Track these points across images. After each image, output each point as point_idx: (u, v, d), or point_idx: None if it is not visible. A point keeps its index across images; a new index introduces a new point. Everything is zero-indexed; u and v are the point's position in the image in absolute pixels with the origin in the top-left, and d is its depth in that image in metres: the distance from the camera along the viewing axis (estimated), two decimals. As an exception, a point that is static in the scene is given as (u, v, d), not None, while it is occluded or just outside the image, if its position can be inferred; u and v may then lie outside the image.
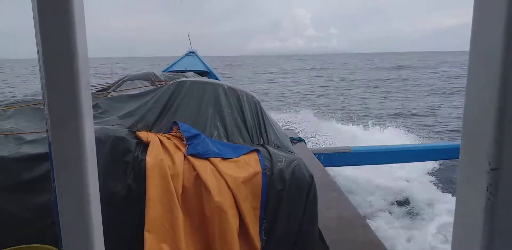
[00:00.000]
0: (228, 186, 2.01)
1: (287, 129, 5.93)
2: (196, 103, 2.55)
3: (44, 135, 2.17)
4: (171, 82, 2.78)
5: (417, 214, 5.01)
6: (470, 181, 0.51)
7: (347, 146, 5.03)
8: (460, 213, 0.54)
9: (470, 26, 0.52)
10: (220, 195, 1.97)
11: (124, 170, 2.06)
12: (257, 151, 2.25)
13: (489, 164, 0.47)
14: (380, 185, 5.63)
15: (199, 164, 2.08)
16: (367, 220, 4.28)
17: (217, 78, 9.00)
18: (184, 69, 8.39)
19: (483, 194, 0.48)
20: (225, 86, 2.72)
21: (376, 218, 4.95)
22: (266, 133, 2.59)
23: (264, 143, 2.50)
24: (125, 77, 4.27)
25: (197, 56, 10.76)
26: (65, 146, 0.66)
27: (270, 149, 2.33)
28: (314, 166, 3.67)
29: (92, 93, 3.06)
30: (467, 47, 0.55)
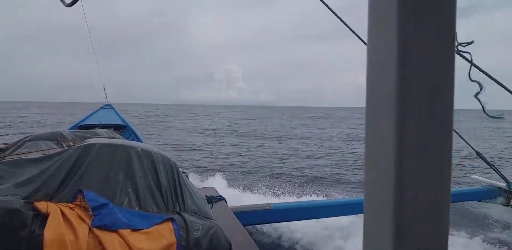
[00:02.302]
0: None
1: (208, 187, 5.81)
2: (106, 168, 2.38)
3: None
4: (78, 145, 2.59)
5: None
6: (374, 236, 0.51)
7: (268, 203, 5.02)
8: None
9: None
10: None
11: (17, 247, 1.80)
12: (172, 219, 2.12)
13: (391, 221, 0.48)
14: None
15: (106, 237, 1.89)
16: None
17: (134, 133, 8.69)
18: (99, 123, 8.02)
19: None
20: (139, 148, 2.59)
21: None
22: (183, 197, 2.47)
23: (180, 209, 2.38)
24: (26, 137, 3.91)
25: (113, 109, 10.41)
26: None
27: (186, 216, 2.21)
28: (233, 226, 3.56)
29: None
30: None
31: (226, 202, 4.72)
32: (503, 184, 6.33)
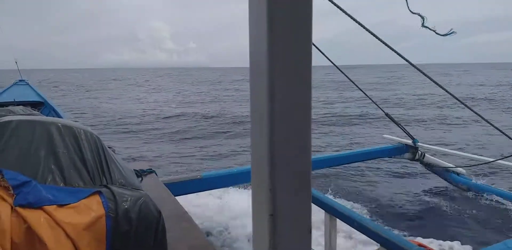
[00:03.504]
0: (68, 235, 1.87)
1: (139, 161, 5.78)
2: (25, 145, 2.30)
3: None
4: None
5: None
6: (258, 223, 0.65)
7: (198, 173, 5.15)
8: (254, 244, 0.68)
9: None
10: (57, 247, 1.81)
11: None
12: (99, 192, 2.14)
13: (268, 211, 0.62)
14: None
15: (31, 215, 1.88)
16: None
17: (53, 109, 8.22)
18: (13, 100, 7.46)
19: (266, 232, 0.62)
20: (59, 124, 2.53)
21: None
22: (109, 171, 2.49)
23: (107, 183, 2.40)
24: None
25: (29, 85, 9.67)
26: None
27: (114, 188, 2.24)
28: (165, 197, 3.64)
29: None
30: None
31: (156, 175, 4.76)
32: (409, 141, 7.08)
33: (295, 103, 0.60)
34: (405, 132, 6.87)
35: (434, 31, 2.54)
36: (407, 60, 3.89)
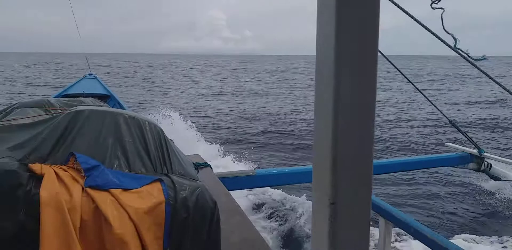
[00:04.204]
0: (130, 217, 2.00)
1: (193, 155, 5.99)
2: (95, 133, 2.49)
3: None
4: (68, 111, 2.68)
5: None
6: (318, 212, 0.68)
7: (251, 169, 5.25)
8: (314, 237, 0.71)
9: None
10: (121, 227, 1.94)
11: (14, 205, 1.93)
12: (160, 180, 2.27)
13: (329, 200, 0.64)
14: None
15: (99, 196, 2.03)
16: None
17: (118, 102, 8.72)
18: (82, 92, 8.01)
19: (326, 222, 0.65)
20: (126, 115, 2.70)
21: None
22: (170, 161, 2.61)
23: (167, 172, 2.52)
24: (15, 104, 3.95)
25: (97, 79, 10.35)
26: None
27: (174, 177, 2.36)
28: (219, 191, 3.75)
29: None
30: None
31: (211, 168, 4.91)
32: (474, 151, 6.67)
33: (360, 104, 0.62)
34: (469, 140, 6.51)
35: (467, 54, 2.39)
36: (460, 55, 3.67)
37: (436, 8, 2.43)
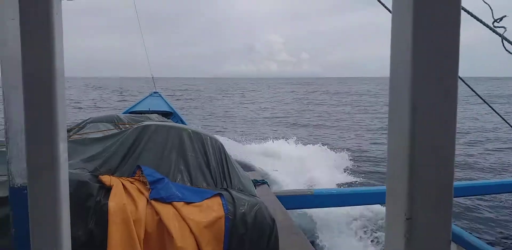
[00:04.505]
0: (191, 231, 2.03)
1: (251, 170, 6.01)
2: (161, 147, 2.59)
3: (3, 178, 2.12)
4: (136, 126, 2.83)
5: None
6: (392, 228, 0.63)
7: (309, 188, 5.15)
8: None
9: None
10: (182, 240, 1.97)
11: (85, 214, 2.04)
12: (220, 195, 2.29)
13: (405, 215, 0.60)
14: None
15: (162, 208, 2.09)
16: None
17: (181, 119, 9.04)
18: (148, 109, 8.41)
19: (401, 238, 0.60)
20: (190, 130, 2.79)
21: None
22: (230, 176, 2.65)
23: (227, 187, 2.55)
24: (87, 119, 4.25)
25: (161, 97, 10.85)
26: (41, 193, 0.70)
27: (233, 192, 2.38)
28: (276, 209, 3.71)
29: None
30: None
31: (268, 186, 4.89)
32: None
33: (439, 116, 0.59)
34: None
35: None
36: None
37: (498, 27, 2.30)
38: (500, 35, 2.29)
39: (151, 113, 6.96)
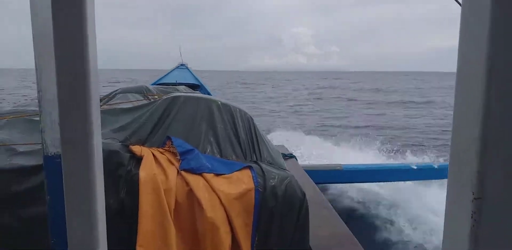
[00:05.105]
0: (221, 202, 2.01)
1: (279, 145, 5.98)
2: (190, 118, 2.56)
3: (37, 147, 2.15)
4: (165, 97, 2.80)
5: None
6: (456, 208, 0.56)
7: (338, 163, 5.07)
8: (447, 238, 0.59)
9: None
10: (212, 211, 1.96)
11: (117, 183, 2.05)
12: (250, 167, 2.26)
13: (473, 194, 0.52)
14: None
15: (192, 179, 2.08)
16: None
17: (207, 92, 9.05)
18: (175, 81, 8.43)
19: (468, 221, 0.52)
20: (219, 102, 2.74)
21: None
22: (259, 149, 2.60)
23: (257, 159, 2.51)
24: (117, 90, 4.26)
25: (188, 69, 10.86)
26: (75, 161, 0.68)
27: (263, 165, 2.34)
28: (305, 183, 3.68)
29: None
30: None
31: (296, 160, 4.85)
32: None
33: None
34: None
35: None
36: None
37: None
38: None
39: (178, 85, 6.97)
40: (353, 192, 5.74)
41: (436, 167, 5.25)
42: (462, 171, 0.55)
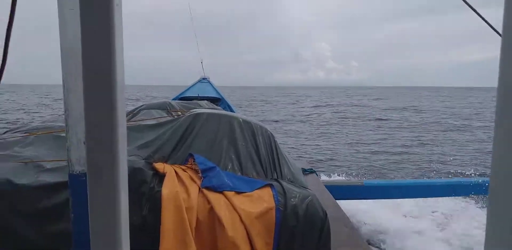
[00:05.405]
0: (242, 221, 2.02)
1: (299, 158, 5.94)
2: (212, 135, 2.60)
3: (63, 163, 2.22)
4: (188, 114, 2.85)
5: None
6: (499, 221, 0.53)
7: (359, 179, 5.02)
8: None
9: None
10: (233, 230, 1.97)
11: (140, 200, 2.08)
12: (271, 185, 2.26)
13: None
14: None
15: (214, 197, 2.10)
16: None
17: (229, 105, 9.12)
18: (197, 95, 8.55)
19: (510, 238, 0.50)
20: (240, 119, 2.77)
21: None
22: (280, 166, 2.61)
23: (277, 177, 2.52)
24: (141, 106, 4.36)
25: (210, 83, 10.99)
26: (101, 181, 0.70)
27: (284, 183, 2.34)
28: (325, 199, 3.64)
29: None
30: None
31: (317, 175, 4.81)
32: None
33: None
34: None
35: None
36: None
37: None
38: None
39: (200, 99, 7.06)
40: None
41: (457, 183, 5.13)
42: (507, 180, 0.52)
